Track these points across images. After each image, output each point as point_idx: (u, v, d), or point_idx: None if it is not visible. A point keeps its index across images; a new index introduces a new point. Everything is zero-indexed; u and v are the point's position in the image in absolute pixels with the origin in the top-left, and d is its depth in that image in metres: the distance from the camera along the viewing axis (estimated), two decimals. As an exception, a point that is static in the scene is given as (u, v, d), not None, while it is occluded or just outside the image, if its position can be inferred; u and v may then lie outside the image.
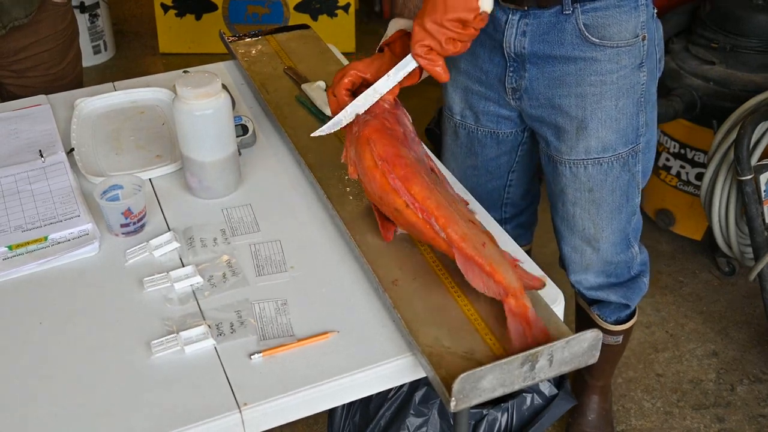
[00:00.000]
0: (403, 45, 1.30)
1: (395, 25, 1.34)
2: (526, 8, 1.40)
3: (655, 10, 1.47)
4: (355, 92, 1.28)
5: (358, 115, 1.25)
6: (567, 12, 1.38)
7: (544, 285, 1.14)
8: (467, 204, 1.33)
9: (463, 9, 1.16)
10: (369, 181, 1.20)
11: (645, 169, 1.59)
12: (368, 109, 1.25)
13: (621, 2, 1.38)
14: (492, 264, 1.07)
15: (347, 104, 1.25)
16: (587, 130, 1.47)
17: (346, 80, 1.27)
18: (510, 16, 1.43)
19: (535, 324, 1.05)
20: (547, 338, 1.04)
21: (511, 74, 1.49)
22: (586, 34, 1.39)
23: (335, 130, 1.29)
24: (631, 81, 1.45)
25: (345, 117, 1.26)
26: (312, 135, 1.32)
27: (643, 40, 1.43)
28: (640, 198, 1.61)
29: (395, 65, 1.24)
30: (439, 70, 1.21)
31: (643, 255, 1.70)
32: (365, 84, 1.28)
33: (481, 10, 1.17)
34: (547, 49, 1.42)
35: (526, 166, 1.72)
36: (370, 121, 1.23)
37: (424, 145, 1.29)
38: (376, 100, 1.25)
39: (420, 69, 1.25)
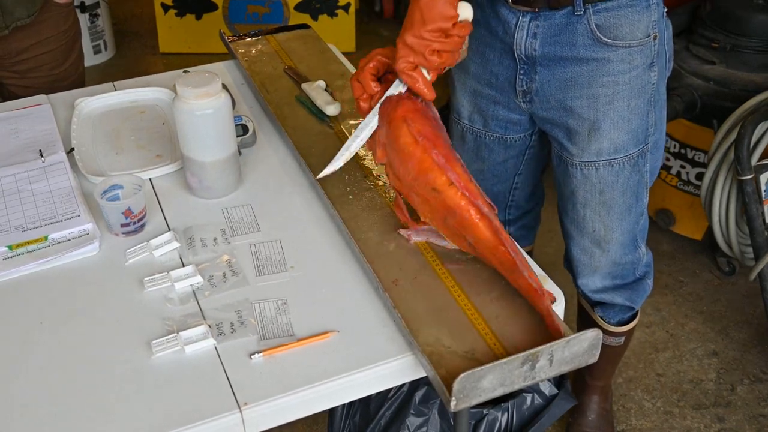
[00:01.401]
0: None
1: None
2: (536, 10, 1.39)
3: (665, 9, 1.46)
4: (380, 78, 1.26)
5: (388, 97, 1.22)
6: (578, 13, 1.37)
7: (554, 300, 1.14)
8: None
9: (440, 19, 1.14)
10: (406, 159, 1.16)
11: (653, 168, 1.58)
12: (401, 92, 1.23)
13: (633, 2, 1.37)
14: (527, 266, 1.09)
15: (372, 90, 1.24)
16: (599, 131, 1.46)
17: (371, 65, 1.24)
18: (520, 18, 1.42)
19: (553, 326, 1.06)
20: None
21: (521, 77, 1.48)
22: (599, 34, 1.38)
23: (339, 167, 1.29)
24: (642, 81, 1.44)
25: (344, 156, 1.27)
26: (317, 177, 1.31)
27: (654, 39, 1.43)
28: (648, 198, 1.61)
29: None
30: (421, 87, 1.19)
31: (648, 257, 1.70)
32: (390, 71, 1.25)
33: (460, 18, 1.16)
34: (559, 51, 1.41)
35: (532, 169, 1.71)
36: (403, 100, 1.20)
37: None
38: (369, 134, 1.24)
39: None
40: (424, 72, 1.18)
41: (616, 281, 1.68)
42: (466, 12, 1.17)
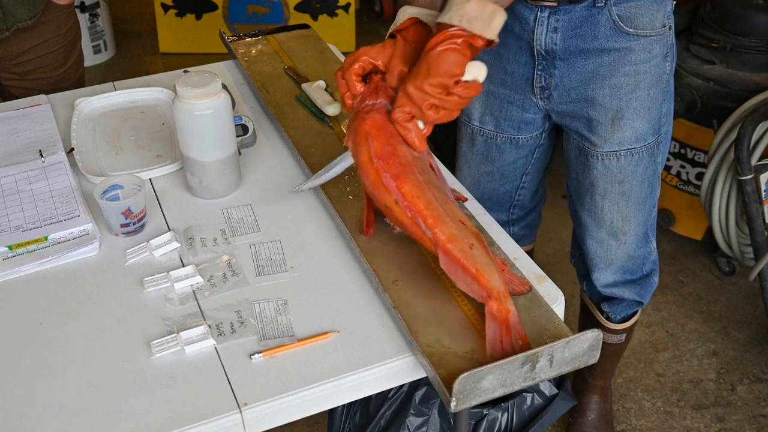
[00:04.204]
0: (415, 32, 1.25)
1: (405, 13, 1.31)
2: (556, 4, 1.41)
3: (674, 2, 1.48)
4: (365, 77, 1.25)
5: (361, 105, 1.22)
6: (599, 5, 1.39)
7: (531, 289, 1.14)
8: (465, 200, 1.33)
9: (444, 74, 1.12)
10: (364, 176, 1.19)
11: (661, 159, 1.60)
12: (377, 96, 1.22)
13: None
14: (477, 267, 1.07)
15: (357, 91, 1.23)
16: (623, 120, 1.48)
17: (356, 66, 1.23)
18: (539, 13, 1.43)
19: (515, 328, 1.05)
20: (526, 343, 1.04)
21: (539, 73, 1.49)
22: (621, 24, 1.40)
23: (316, 184, 1.34)
24: (659, 70, 1.47)
25: (322, 178, 1.32)
26: (293, 190, 1.35)
27: (669, 29, 1.45)
28: (660, 190, 1.62)
29: (404, 53, 1.22)
30: (413, 139, 1.17)
31: (655, 254, 1.71)
32: (375, 71, 1.24)
33: (467, 78, 1.13)
34: (581, 43, 1.43)
35: (539, 167, 1.72)
36: (372, 113, 1.20)
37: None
38: (342, 170, 1.30)
39: None
40: (420, 124, 1.17)
41: (626, 276, 1.69)
42: (476, 72, 1.14)
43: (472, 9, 1.10)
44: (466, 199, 1.34)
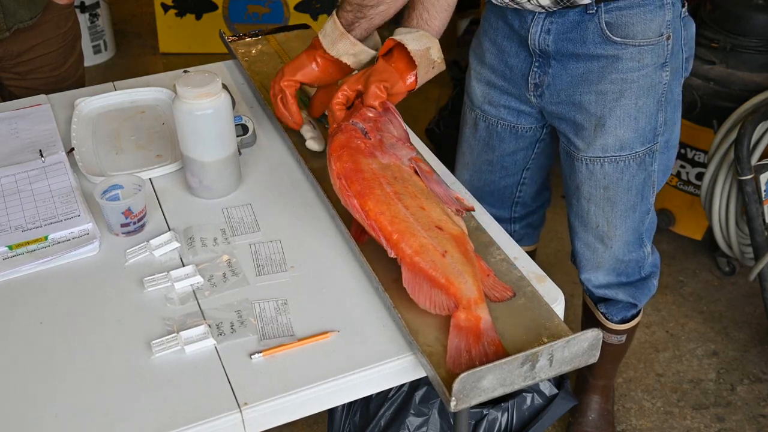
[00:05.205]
0: (399, 53, 1.33)
1: (395, 35, 1.37)
2: (547, 9, 1.41)
3: (684, 9, 1.47)
4: (350, 107, 1.32)
5: (331, 130, 1.30)
6: (591, 12, 1.39)
7: (514, 295, 1.13)
8: (472, 209, 1.32)
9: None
10: (339, 196, 1.24)
11: (664, 168, 1.59)
12: (350, 118, 1.29)
13: (645, 1, 1.39)
14: (447, 276, 1.08)
15: (339, 120, 1.32)
16: (605, 127, 1.48)
17: (339, 95, 1.33)
18: (536, 14, 1.44)
19: (487, 335, 1.04)
20: (500, 349, 1.03)
21: (535, 70, 1.50)
22: (608, 32, 1.40)
23: None
24: (652, 80, 1.45)
25: None
26: None
27: (668, 39, 1.44)
28: (654, 197, 1.61)
29: (381, 71, 1.32)
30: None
31: (654, 256, 1.71)
32: (359, 96, 1.32)
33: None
34: (571, 47, 1.44)
35: (541, 165, 1.73)
36: (337, 135, 1.26)
37: (412, 148, 1.29)
38: None
39: (416, 77, 1.32)
40: None
41: (621, 278, 1.69)
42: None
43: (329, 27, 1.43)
44: (474, 209, 1.33)
